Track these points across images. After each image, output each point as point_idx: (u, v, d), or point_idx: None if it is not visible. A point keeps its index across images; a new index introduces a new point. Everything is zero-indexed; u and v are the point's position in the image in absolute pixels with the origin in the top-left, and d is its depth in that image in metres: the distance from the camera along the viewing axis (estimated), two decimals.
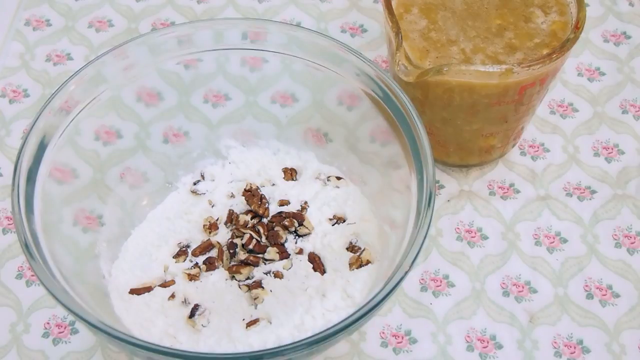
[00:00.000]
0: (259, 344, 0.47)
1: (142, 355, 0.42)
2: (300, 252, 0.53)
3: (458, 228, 0.60)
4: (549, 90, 0.62)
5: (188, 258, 0.53)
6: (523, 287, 0.57)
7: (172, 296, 0.51)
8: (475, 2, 0.57)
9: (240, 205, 0.56)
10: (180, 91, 0.59)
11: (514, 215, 0.61)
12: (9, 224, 0.60)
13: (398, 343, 0.54)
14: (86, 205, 0.54)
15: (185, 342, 0.48)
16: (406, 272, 0.43)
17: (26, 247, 0.44)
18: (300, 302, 0.50)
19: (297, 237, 0.54)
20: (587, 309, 0.56)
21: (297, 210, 0.55)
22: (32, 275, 0.57)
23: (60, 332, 0.54)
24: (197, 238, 0.55)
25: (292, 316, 0.49)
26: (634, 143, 0.66)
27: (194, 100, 0.60)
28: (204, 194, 0.57)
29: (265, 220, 0.55)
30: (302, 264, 0.52)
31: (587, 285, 0.57)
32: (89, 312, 0.43)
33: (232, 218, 0.55)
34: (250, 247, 0.53)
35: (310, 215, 0.55)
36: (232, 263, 0.52)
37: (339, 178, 0.57)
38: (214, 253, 0.53)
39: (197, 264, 0.53)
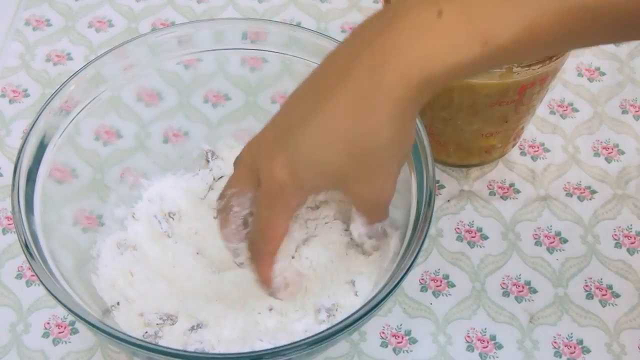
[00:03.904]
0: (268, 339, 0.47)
1: (142, 355, 0.42)
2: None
3: (458, 228, 0.60)
4: (549, 90, 0.61)
5: None
6: (523, 287, 0.57)
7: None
8: None
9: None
10: (180, 91, 0.59)
11: (514, 215, 0.61)
12: (9, 224, 0.60)
13: (398, 343, 0.54)
14: (86, 205, 0.54)
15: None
16: (406, 272, 0.43)
17: (26, 247, 0.44)
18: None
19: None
20: (587, 309, 0.56)
21: None
22: (32, 275, 0.57)
23: (60, 332, 0.54)
24: None
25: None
26: (634, 143, 0.66)
27: (194, 100, 0.60)
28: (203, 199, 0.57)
29: None
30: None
31: (587, 285, 0.57)
32: (89, 312, 0.43)
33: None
34: None
35: None
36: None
37: None
38: None
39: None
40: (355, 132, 0.38)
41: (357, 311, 0.42)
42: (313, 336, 0.41)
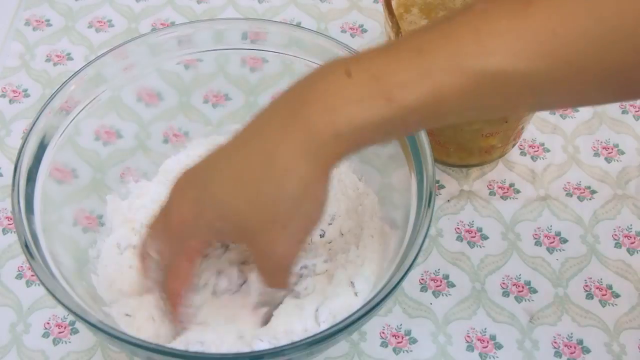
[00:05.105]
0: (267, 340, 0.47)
1: (142, 355, 0.42)
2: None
3: (458, 228, 0.60)
4: None
5: None
6: (523, 287, 0.57)
7: None
8: None
9: None
10: (180, 91, 0.59)
11: (514, 215, 0.61)
12: (9, 224, 0.60)
13: (398, 343, 0.54)
14: (86, 205, 0.54)
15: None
16: (406, 272, 0.43)
17: (26, 247, 0.44)
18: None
19: None
20: (587, 309, 0.56)
21: None
22: (32, 275, 0.57)
23: (60, 332, 0.54)
24: None
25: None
26: (634, 143, 0.66)
27: (194, 101, 0.60)
28: None
29: None
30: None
31: (587, 285, 0.57)
32: (89, 312, 0.43)
33: None
34: None
35: None
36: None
37: None
38: None
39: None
40: (260, 179, 0.39)
41: (357, 311, 0.42)
42: (313, 336, 0.41)
